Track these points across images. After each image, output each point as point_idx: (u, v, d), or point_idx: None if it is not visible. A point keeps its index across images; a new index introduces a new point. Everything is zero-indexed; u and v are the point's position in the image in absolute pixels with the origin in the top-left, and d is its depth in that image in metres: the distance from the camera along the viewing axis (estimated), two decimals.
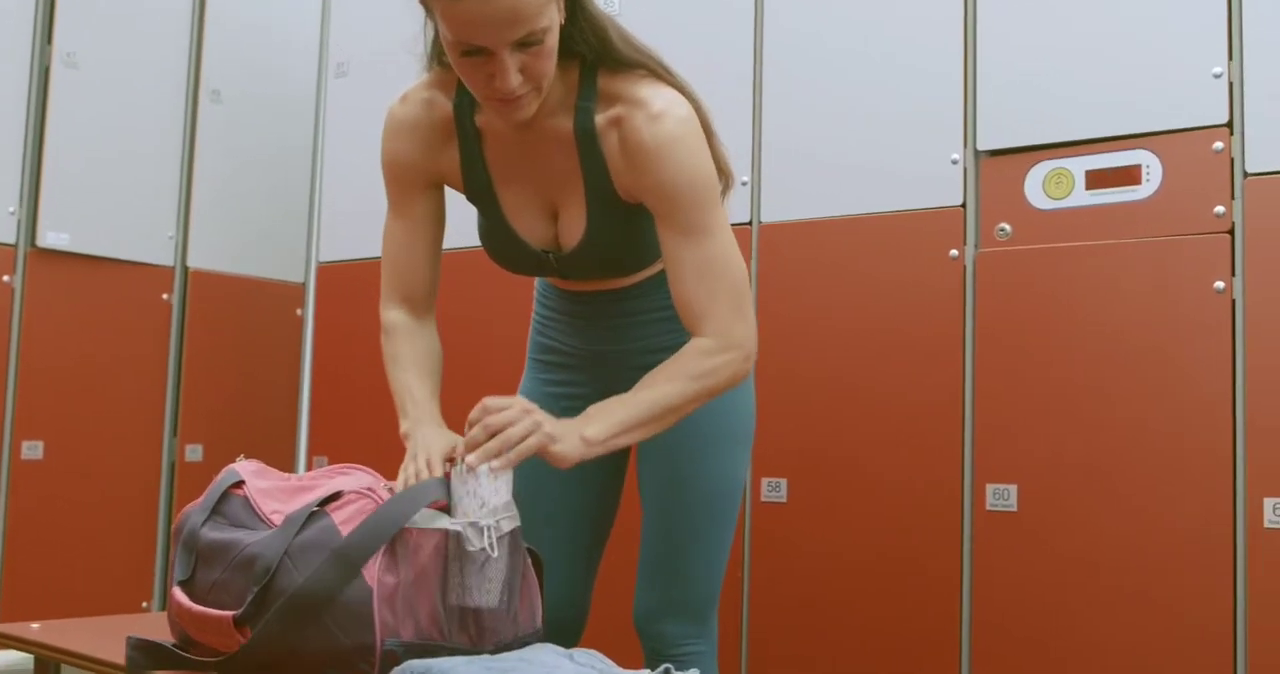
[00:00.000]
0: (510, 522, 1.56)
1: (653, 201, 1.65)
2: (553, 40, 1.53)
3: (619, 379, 1.77)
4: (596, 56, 1.65)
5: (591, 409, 1.60)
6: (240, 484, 1.64)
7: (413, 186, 1.80)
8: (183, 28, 3.96)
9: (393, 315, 1.84)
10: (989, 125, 2.49)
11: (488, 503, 1.46)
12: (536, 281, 1.98)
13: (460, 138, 1.74)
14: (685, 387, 1.61)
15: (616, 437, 1.58)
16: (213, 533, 1.56)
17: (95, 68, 3.70)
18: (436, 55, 1.72)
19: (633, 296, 1.81)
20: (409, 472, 1.53)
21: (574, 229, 1.71)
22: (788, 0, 2.75)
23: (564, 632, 1.80)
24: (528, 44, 1.50)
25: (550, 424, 1.53)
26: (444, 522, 1.47)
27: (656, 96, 1.62)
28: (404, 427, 1.68)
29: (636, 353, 1.81)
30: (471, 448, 1.49)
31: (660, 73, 1.66)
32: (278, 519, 1.53)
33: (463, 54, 1.52)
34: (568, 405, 1.87)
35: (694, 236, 1.62)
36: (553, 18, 1.52)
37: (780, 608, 2.66)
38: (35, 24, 3.59)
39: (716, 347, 1.62)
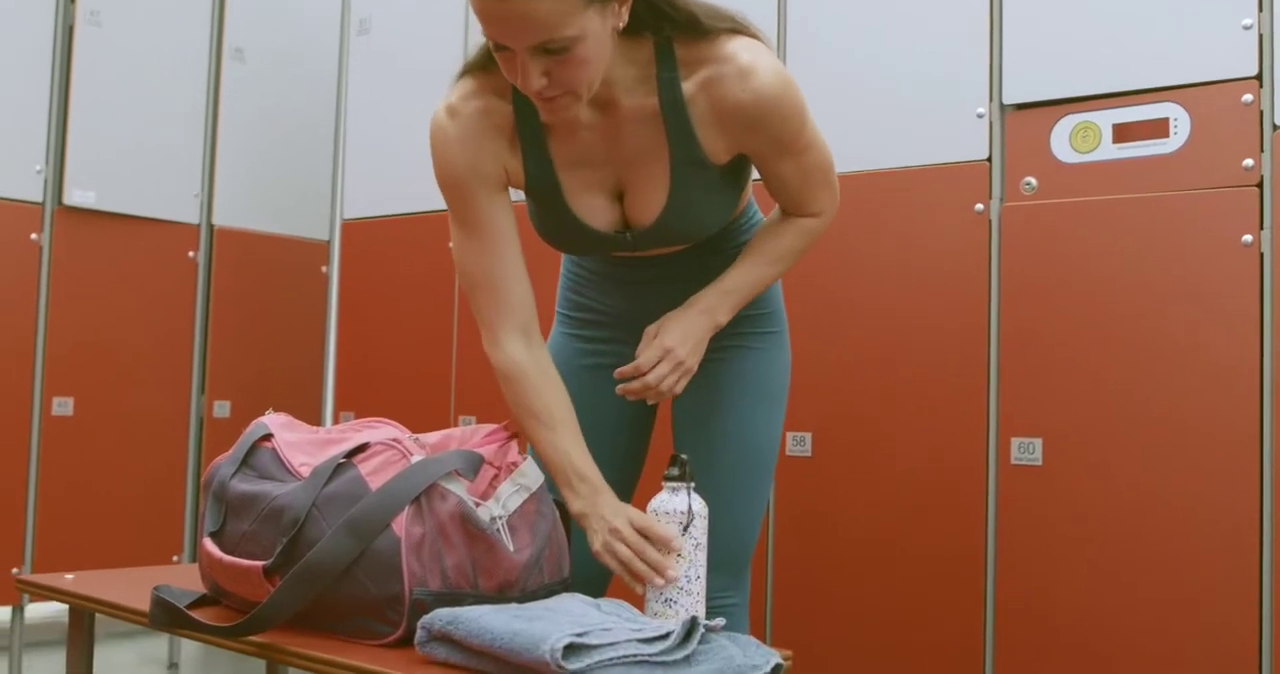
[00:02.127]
0: (538, 476, 1.58)
1: (757, 148, 1.67)
2: (586, 50, 1.47)
3: None
4: (677, 31, 1.61)
5: (718, 291, 1.72)
6: (269, 437, 1.65)
7: (482, 194, 1.68)
8: None
9: (514, 354, 1.67)
10: (1015, 79, 2.47)
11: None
12: (595, 263, 1.92)
13: (524, 137, 1.67)
14: (786, 265, 1.78)
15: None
16: (242, 485, 1.58)
17: (118, 26, 3.70)
18: (481, 59, 1.66)
19: (684, 260, 1.80)
20: (624, 554, 1.52)
21: (651, 204, 1.68)
22: None
23: (592, 585, 1.81)
24: (551, 51, 1.46)
25: (686, 346, 1.69)
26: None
27: (741, 50, 1.60)
28: (576, 506, 1.61)
29: None
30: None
31: (740, 28, 1.63)
32: (306, 471, 1.55)
33: (495, 47, 1.49)
34: (597, 361, 1.87)
35: (795, 155, 1.68)
36: (586, 28, 1.45)
37: (805, 561, 2.67)
38: None
39: (811, 220, 1.77)
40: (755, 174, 1.77)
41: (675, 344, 1.67)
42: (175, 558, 3.82)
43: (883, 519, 2.57)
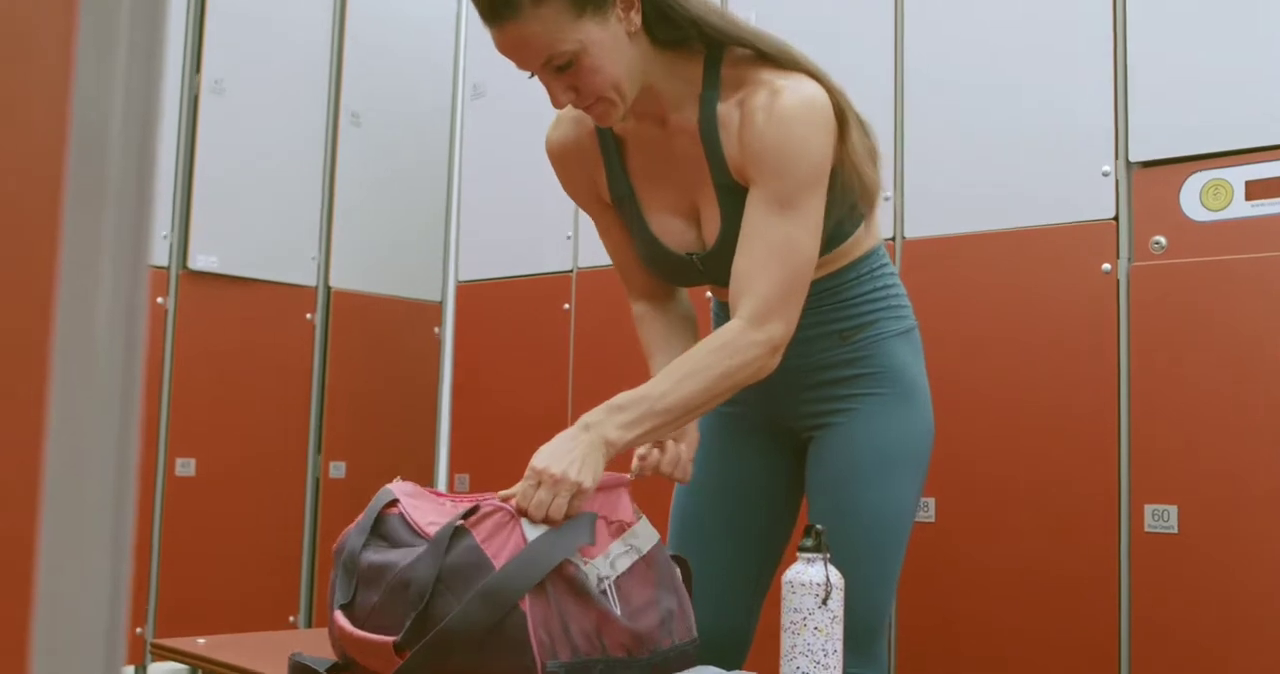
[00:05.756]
0: (651, 536, 1.56)
1: (752, 170, 1.61)
2: (593, 59, 1.55)
3: (784, 401, 1.75)
4: (711, 42, 1.65)
5: (605, 406, 1.55)
6: (394, 503, 1.65)
7: (590, 201, 1.85)
8: (323, 53, 4.05)
9: (636, 308, 1.90)
10: (1141, 135, 2.42)
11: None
12: (711, 303, 1.97)
13: (602, 148, 1.76)
14: (709, 384, 1.57)
15: (640, 438, 1.57)
16: (371, 556, 1.58)
17: (241, 94, 3.80)
18: None
19: None
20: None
21: (713, 227, 1.70)
22: (929, 7, 2.72)
23: (725, 657, 1.78)
24: (560, 67, 1.56)
25: (561, 464, 1.49)
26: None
27: (781, 77, 1.60)
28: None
29: (802, 371, 1.75)
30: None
31: (784, 60, 1.62)
32: (434, 531, 1.54)
33: (529, 74, 1.62)
34: (732, 425, 1.86)
35: (779, 210, 1.59)
36: (585, 39, 1.54)
37: (928, 632, 2.61)
38: (185, 53, 3.70)
39: (748, 333, 1.58)
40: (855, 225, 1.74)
41: (543, 465, 1.49)
42: (291, 618, 3.85)
43: (1009, 589, 2.50)
